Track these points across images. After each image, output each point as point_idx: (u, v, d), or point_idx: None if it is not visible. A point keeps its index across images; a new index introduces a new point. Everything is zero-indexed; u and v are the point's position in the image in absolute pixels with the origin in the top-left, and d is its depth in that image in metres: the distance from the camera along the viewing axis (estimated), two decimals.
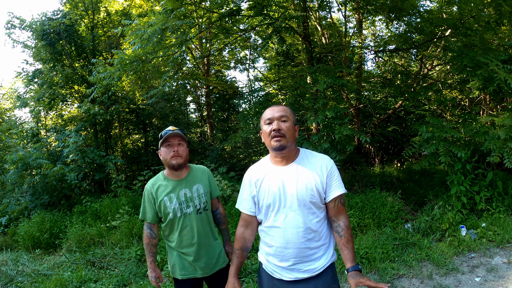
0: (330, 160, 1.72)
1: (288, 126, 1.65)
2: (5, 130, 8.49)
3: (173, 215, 2.04)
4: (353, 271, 1.62)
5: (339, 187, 1.67)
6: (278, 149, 1.63)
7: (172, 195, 2.04)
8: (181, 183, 2.08)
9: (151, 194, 2.07)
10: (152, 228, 2.14)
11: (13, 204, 6.72)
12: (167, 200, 2.04)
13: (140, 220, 2.17)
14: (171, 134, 2.03)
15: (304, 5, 6.27)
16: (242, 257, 1.82)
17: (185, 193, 2.06)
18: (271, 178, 1.69)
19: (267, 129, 1.66)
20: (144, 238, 2.17)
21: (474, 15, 5.48)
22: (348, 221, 1.70)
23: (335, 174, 1.68)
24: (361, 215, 4.78)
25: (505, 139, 4.41)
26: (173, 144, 2.04)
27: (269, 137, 1.65)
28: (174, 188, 2.06)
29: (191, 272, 2.09)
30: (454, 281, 3.38)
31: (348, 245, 1.66)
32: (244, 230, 1.82)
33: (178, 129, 2.09)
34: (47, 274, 4.05)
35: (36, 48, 7.96)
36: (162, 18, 4.89)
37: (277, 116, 1.65)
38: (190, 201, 2.06)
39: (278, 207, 1.66)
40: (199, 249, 2.07)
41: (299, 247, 1.63)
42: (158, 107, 8.93)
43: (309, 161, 1.70)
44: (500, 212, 4.56)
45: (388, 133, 8.74)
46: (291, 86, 7.05)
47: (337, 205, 1.67)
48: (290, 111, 1.71)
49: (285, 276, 1.68)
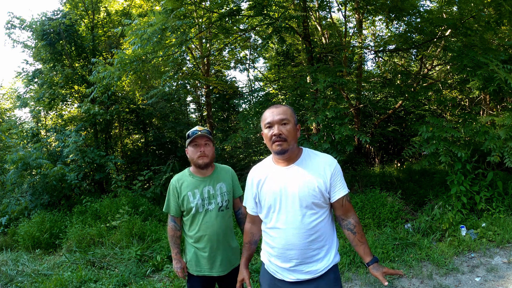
0: (333, 159, 1.71)
1: (289, 129, 1.63)
2: (5, 130, 8.48)
3: (195, 210, 2.12)
4: (374, 263, 1.68)
5: (343, 187, 1.68)
6: (280, 153, 1.64)
7: (196, 191, 2.13)
8: (205, 180, 2.16)
9: (175, 188, 2.16)
10: (176, 221, 2.23)
11: (13, 204, 6.72)
12: (191, 195, 2.12)
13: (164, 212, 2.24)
14: (199, 135, 2.11)
15: (304, 5, 6.27)
16: (251, 250, 1.92)
17: (208, 190, 2.14)
18: (273, 178, 1.69)
19: (268, 133, 1.66)
20: (169, 231, 2.25)
21: (474, 15, 5.48)
22: (357, 217, 1.73)
23: (339, 174, 1.68)
24: (361, 215, 4.79)
25: (505, 139, 4.41)
26: (200, 144, 2.12)
27: (270, 141, 1.65)
28: (198, 184, 2.14)
29: (207, 270, 2.15)
30: (454, 281, 3.38)
31: (363, 240, 1.70)
32: (251, 225, 1.90)
33: (205, 129, 2.16)
34: (47, 274, 4.05)
35: (36, 48, 7.95)
36: (162, 18, 4.89)
37: (277, 119, 1.63)
38: (212, 198, 2.14)
39: (279, 208, 1.66)
40: (216, 246, 2.13)
41: (301, 248, 1.62)
42: (158, 107, 8.93)
43: (311, 161, 1.69)
44: (500, 212, 4.56)
45: (388, 133, 8.74)
46: (291, 86, 7.05)
47: (344, 204, 1.68)
48: (290, 112, 1.69)
49: (287, 277, 1.67)
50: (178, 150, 8.53)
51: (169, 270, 3.90)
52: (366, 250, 1.69)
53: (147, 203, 5.90)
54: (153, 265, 4.07)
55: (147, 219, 5.41)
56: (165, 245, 4.37)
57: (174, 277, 3.76)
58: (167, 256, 4.20)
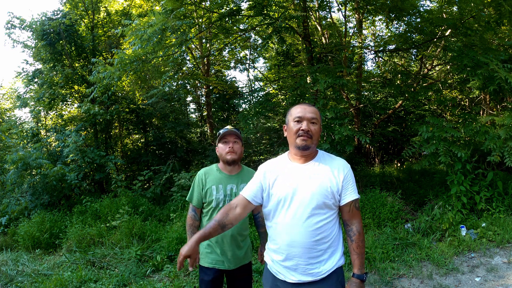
0: (347, 164, 1.74)
1: (316, 129, 1.69)
2: (5, 130, 8.48)
3: (216, 204, 2.20)
4: (356, 279, 1.65)
5: (354, 192, 1.68)
6: (303, 148, 1.66)
7: (220, 186, 2.23)
8: (231, 178, 2.26)
9: (201, 180, 2.26)
10: (196, 211, 2.30)
11: (13, 204, 6.71)
12: (215, 189, 2.22)
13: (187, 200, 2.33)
14: (228, 132, 2.24)
15: (304, 5, 6.27)
16: (214, 229, 1.69)
17: (232, 188, 2.23)
18: (289, 174, 1.70)
19: (295, 127, 1.68)
20: (188, 219, 2.32)
21: (474, 15, 5.48)
22: (361, 226, 1.70)
23: (351, 178, 1.70)
24: (361, 215, 4.78)
25: (506, 139, 4.42)
26: (229, 141, 2.24)
27: (295, 135, 1.67)
28: (223, 180, 2.24)
29: (218, 263, 2.21)
30: (454, 281, 3.38)
31: (358, 250, 1.67)
32: (232, 208, 1.73)
33: (235, 128, 2.30)
34: (47, 274, 4.05)
35: (36, 48, 7.95)
36: (162, 18, 4.89)
37: (308, 116, 1.67)
38: (234, 196, 2.19)
39: (289, 204, 1.65)
40: (230, 241, 2.19)
41: (305, 247, 1.61)
42: (158, 107, 8.93)
43: (327, 162, 1.71)
44: (500, 212, 4.56)
45: (388, 133, 8.73)
46: (291, 86, 7.04)
47: (352, 209, 1.68)
48: (319, 114, 1.74)
49: (288, 278, 1.66)
50: (178, 150, 8.53)
51: (169, 270, 3.90)
52: (357, 262, 1.66)
53: (147, 203, 5.90)
54: (153, 265, 4.07)
55: (147, 219, 5.41)
56: (165, 245, 4.37)
57: (174, 277, 3.76)
58: (167, 256, 4.20)
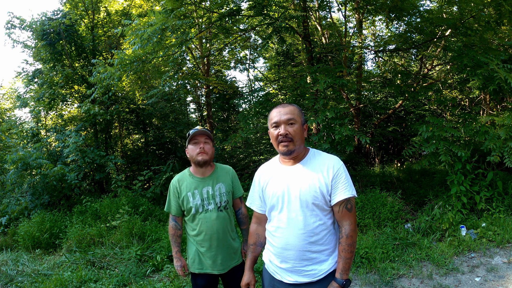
0: (338, 161, 1.64)
1: (295, 129, 1.61)
2: (5, 130, 8.49)
3: (195, 211, 2.16)
4: (335, 282, 1.58)
5: (345, 191, 1.58)
6: (285, 153, 1.64)
7: (195, 192, 2.17)
8: (205, 180, 2.20)
9: (176, 188, 2.21)
10: (177, 220, 2.27)
11: (13, 204, 6.71)
12: (191, 195, 2.17)
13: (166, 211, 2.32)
14: (198, 132, 2.17)
15: (304, 5, 6.27)
16: (256, 251, 1.87)
17: (208, 191, 2.18)
18: (278, 178, 1.69)
19: (274, 133, 1.64)
20: (170, 230, 2.29)
21: (474, 15, 5.48)
22: (350, 228, 1.60)
23: (342, 176, 1.59)
24: (361, 215, 4.79)
25: (505, 139, 4.41)
26: (200, 141, 2.17)
27: (276, 141, 1.63)
28: (198, 185, 2.18)
29: (208, 268, 2.18)
30: (454, 281, 3.38)
31: (343, 254, 1.59)
32: (257, 226, 1.87)
33: (204, 128, 2.24)
34: (47, 274, 4.05)
35: (36, 48, 7.95)
36: (162, 18, 4.89)
37: (284, 119, 1.61)
38: (211, 199, 2.17)
39: (281, 208, 1.65)
40: (216, 245, 2.16)
41: (299, 250, 1.60)
42: (158, 107, 8.93)
43: (316, 161, 1.65)
44: (500, 212, 4.56)
45: (388, 133, 8.73)
46: (291, 86, 7.05)
47: (341, 210, 1.59)
48: (298, 111, 1.66)
49: (285, 279, 1.66)
50: (178, 150, 8.53)
51: (169, 270, 3.90)
52: (340, 266, 1.59)
53: (147, 203, 5.90)
54: (153, 265, 4.07)
55: (147, 219, 5.41)
56: (165, 245, 4.37)
57: (174, 277, 3.76)
58: (167, 256, 4.20)
